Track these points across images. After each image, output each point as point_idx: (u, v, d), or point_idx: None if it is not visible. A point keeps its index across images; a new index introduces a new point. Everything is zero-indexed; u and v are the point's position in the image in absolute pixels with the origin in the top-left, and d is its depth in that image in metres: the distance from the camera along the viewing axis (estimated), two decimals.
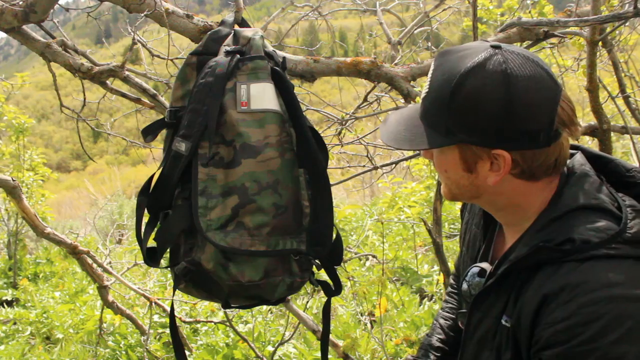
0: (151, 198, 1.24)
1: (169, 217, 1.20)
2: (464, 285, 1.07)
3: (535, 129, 0.88)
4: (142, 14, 1.66)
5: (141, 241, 1.25)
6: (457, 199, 1.04)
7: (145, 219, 1.26)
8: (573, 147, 1.01)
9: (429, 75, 0.96)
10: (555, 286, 0.85)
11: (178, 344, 1.29)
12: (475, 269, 1.07)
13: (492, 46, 0.90)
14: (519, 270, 0.92)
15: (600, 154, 1.01)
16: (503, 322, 0.94)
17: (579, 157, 0.98)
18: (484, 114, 0.87)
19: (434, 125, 0.94)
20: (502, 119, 0.87)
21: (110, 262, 3.68)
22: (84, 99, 2.25)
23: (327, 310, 1.35)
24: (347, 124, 2.44)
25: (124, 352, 3.60)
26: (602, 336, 0.80)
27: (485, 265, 1.06)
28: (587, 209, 0.90)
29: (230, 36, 1.29)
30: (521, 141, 0.88)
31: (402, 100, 1.86)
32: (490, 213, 1.07)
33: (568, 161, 0.98)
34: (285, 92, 1.24)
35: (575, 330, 0.82)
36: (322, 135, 1.37)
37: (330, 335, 2.73)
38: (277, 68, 1.25)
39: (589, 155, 1.00)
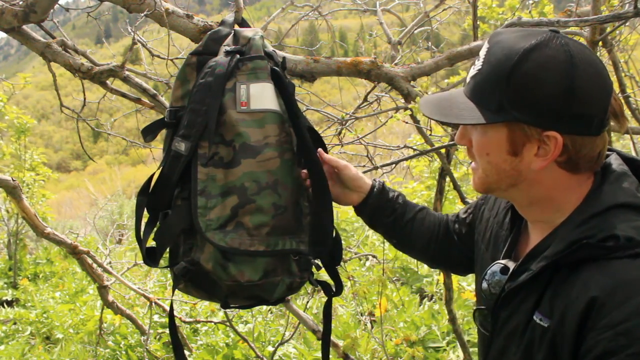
0: (150, 198, 1.24)
1: (169, 217, 1.20)
2: (484, 284, 1.05)
3: (591, 114, 0.86)
4: (142, 14, 1.66)
5: (140, 241, 1.24)
6: (491, 190, 0.99)
7: (145, 219, 1.26)
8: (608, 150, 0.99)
9: (483, 53, 0.92)
10: (606, 286, 0.82)
11: (177, 344, 1.29)
12: (496, 267, 1.04)
13: (551, 30, 0.89)
14: (555, 267, 0.90)
15: (634, 157, 0.98)
16: (537, 320, 0.91)
17: (615, 157, 0.96)
18: (544, 91, 0.85)
19: (484, 102, 0.90)
20: (561, 99, 0.85)
21: (110, 262, 3.68)
22: (84, 99, 2.25)
23: (328, 310, 1.35)
24: (347, 124, 2.44)
25: (124, 352, 3.60)
26: None
27: (508, 262, 1.03)
28: (628, 207, 0.88)
29: (230, 36, 1.28)
30: (576, 125, 0.86)
31: (402, 100, 1.86)
32: (517, 208, 1.04)
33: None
34: (284, 92, 1.24)
35: (636, 332, 0.78)
36: (322, 135, 1.38)
37: (331, 335, 2.73)
38: (276, 68, 1.25)
39: (623, 157, 0.97)
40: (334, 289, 1.33)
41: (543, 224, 0.98)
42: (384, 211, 1.32)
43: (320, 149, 1.24)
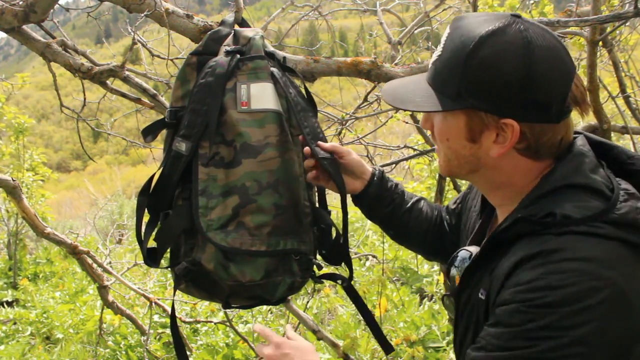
0: (151, 198, 1.24)
1: (169, 217, 1.20)
2: (452, 271, 1.05)
3: (549, 102, 0.85)
4: (142, 14, 1.66)
5: (141, 242, 1.24)
6: (453, 174, 1.00)
7: (145, 219, 1.26)
8: (576, 132, 0.97)
9: (444, 38, 0.91)
10: (529, 253, 0.83)
11: (179, 345, 1.29)
12: (464, 253, 1.04)
13: (512, 15, 0.87)
14: (500, 244, 0.90)
15: (603, 141, 0.97)
16: (480, 295, 0.92)
17: (580, 140, 0.94)
18: (500, 79, 0.84)
19: (443, 89, 0.90)
20: (517, 87, 0.84)
21: (110, 262, 3.68)
22: (84, 99, 2.25)
23: (353, 294, 1.30)
24: (347, 124, 2.44)
25: (124, 352, 3.60)
26: (560, 306, 0.78)
27: (473, 248, 1.03)
28: (577, 187, 0.87)
29: (231, 36, 1.29)
30: (533, 112, 0.85)
31: None
32: (482, 193, 1.05)
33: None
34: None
35: (535, 292, 0.79)
36: None
37: (330, 335, 2.74)
38: (274, 69, 1.25)
39: (591, 141, 0.95)
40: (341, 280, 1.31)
41: (506, 208, 0.97)
42: (383, 200, 1.30)
43: (319, 142, 1.22)
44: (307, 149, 1.21)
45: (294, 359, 1.12)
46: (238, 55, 1.22)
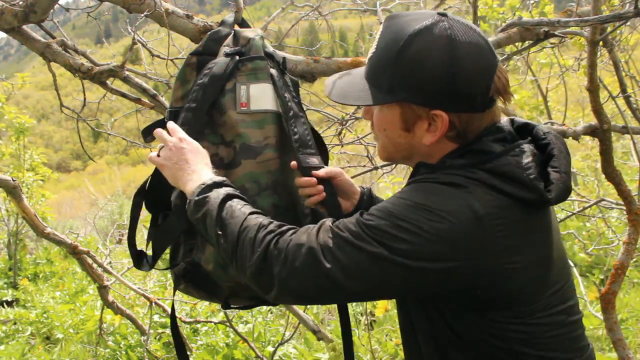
0: (150, 199, 1.24)
1: (169, 218, 1.20)
2: None
3: (473, 93, 0.94)
4: (142, 14, 1.66)
5: (132, 244, 1.26)
6: (391, 159, 1.09)
7: (147, 223, 1.26)
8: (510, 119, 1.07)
9: (377, 36, 0.99)
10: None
11: (180, 345, 1.29)
12: None
13: (439, 14, 0.94)
14: None
15: (527, 122, 1.06)
16: None
17: (506, 120, 1.04)
18: (427, 74, 0.92)
19: (378, 84, 0.98)
20: (443, 81, 0.92)
21: (110, 262, 3.68)
22: (84, 99, 2.25)
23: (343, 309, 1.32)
24: (347, 124, 2.44)
25: (124, 352, 3.59)
26: (385, 218, 0.89)
27: None
28: (474, 151, 0.97)
29: (230, 36, 1.28)
30: (459, 104, 0.94)
31: None
32: None
33: None
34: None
35: (385, 210, 0.91)
36: (322, 135, 1.37)
37: (331, 335, 2.74)
38: (273, 70, 1.24)
39: (518, 123, 1.05)
40: None
41: None
42: None
43: (314, 172, 1.20)
44: (293, 163, 1.20)
45: (186, 155, 1.11)
46: (237, 57, 1.21)
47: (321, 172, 1.21)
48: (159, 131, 1.16)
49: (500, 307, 0.93)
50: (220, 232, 1.00)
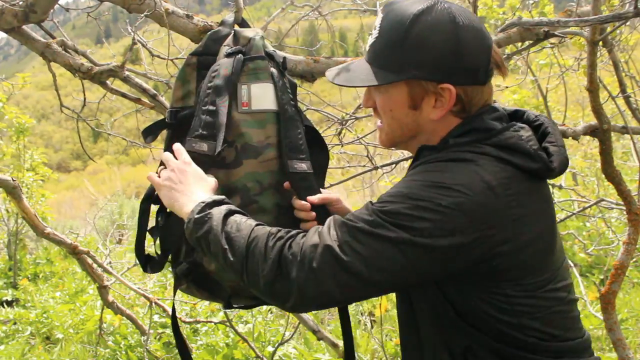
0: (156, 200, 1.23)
1: (171, 218, 1.20)
2: None
3: (477, 66, 0.99)
4: (142, 14, 1.66)
5: (141, 253, 1.25)
6: (395, 144, 1.11)
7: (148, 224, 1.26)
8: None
9: (378, 22, 1.03)
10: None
11: (181, 345, 1.28)
12: None
13: None
14: None
15: (517, 109, 1.11)
16: None
17: (497, 104, 1.08)
18: (435, 50, 0.97)
19: (386, 65, 1.01)
20: (450, 55, 0.97)
21: (110, 262, 3.68)
22: (84, 99, 2.25)
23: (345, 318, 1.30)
24: (347, 124, 2.43)
25: (124, 352, 3.59)
26: (401, 201, 0.91)
27: None
28: (476, 130, 1.00)
29: (230, 36, 1.28)
30: (465, 76, 0.99)
31: None
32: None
33: None
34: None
35: (388, 194, 0.94)
36: (322, 135, 1.37)
37: (330, 335, 2.74)
38: (274, 70, 1.24)
39: (508, 110, 1.09)
40: None
41: None
42: None
43: (309, 197, 1.19)
44: (286, 183, 1.19)
45: (188, 178, 1.10)
46: (241, 56, 1.21)
47: (315, 199, 1.19)
48: (166, 154, 1.15)
49: (514, 279, 0.95)
50: (226, 247, 0.97)
